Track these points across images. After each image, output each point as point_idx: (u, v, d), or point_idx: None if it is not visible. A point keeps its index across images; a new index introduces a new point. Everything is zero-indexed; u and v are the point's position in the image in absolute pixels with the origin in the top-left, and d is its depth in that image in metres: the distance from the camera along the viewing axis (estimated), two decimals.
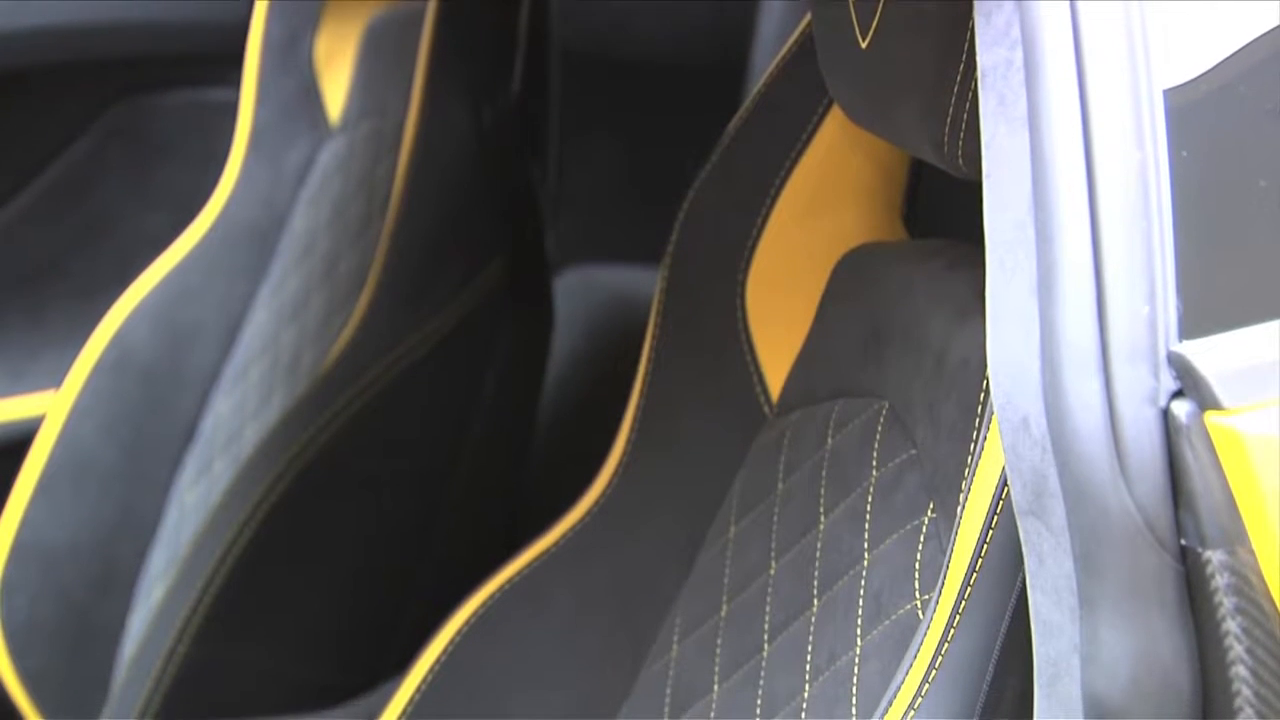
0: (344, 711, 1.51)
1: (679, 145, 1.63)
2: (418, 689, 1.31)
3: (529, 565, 1.32)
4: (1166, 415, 0.76)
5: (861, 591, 1.07)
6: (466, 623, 1.32)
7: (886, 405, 1.11)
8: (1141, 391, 0.76)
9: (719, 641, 1.19)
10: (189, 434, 1.81)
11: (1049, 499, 0.79)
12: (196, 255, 1.83)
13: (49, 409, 1.81)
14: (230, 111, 1.86)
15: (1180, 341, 0.77)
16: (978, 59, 0.83)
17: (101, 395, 1.79)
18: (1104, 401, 0.76)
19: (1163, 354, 0.76)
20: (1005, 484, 0.90)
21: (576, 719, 1.28)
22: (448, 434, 1.63)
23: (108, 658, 1.73)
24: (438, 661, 1.32)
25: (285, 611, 1.61)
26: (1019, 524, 0.83)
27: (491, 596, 1.32)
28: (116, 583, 1.76)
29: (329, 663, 1.62)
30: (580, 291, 1.98)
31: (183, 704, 1.58)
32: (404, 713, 1.31)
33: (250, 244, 1.84)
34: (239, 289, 1.83)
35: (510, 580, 1.32)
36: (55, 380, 1.83)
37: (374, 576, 1.63)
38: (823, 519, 1.13)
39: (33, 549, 1.76)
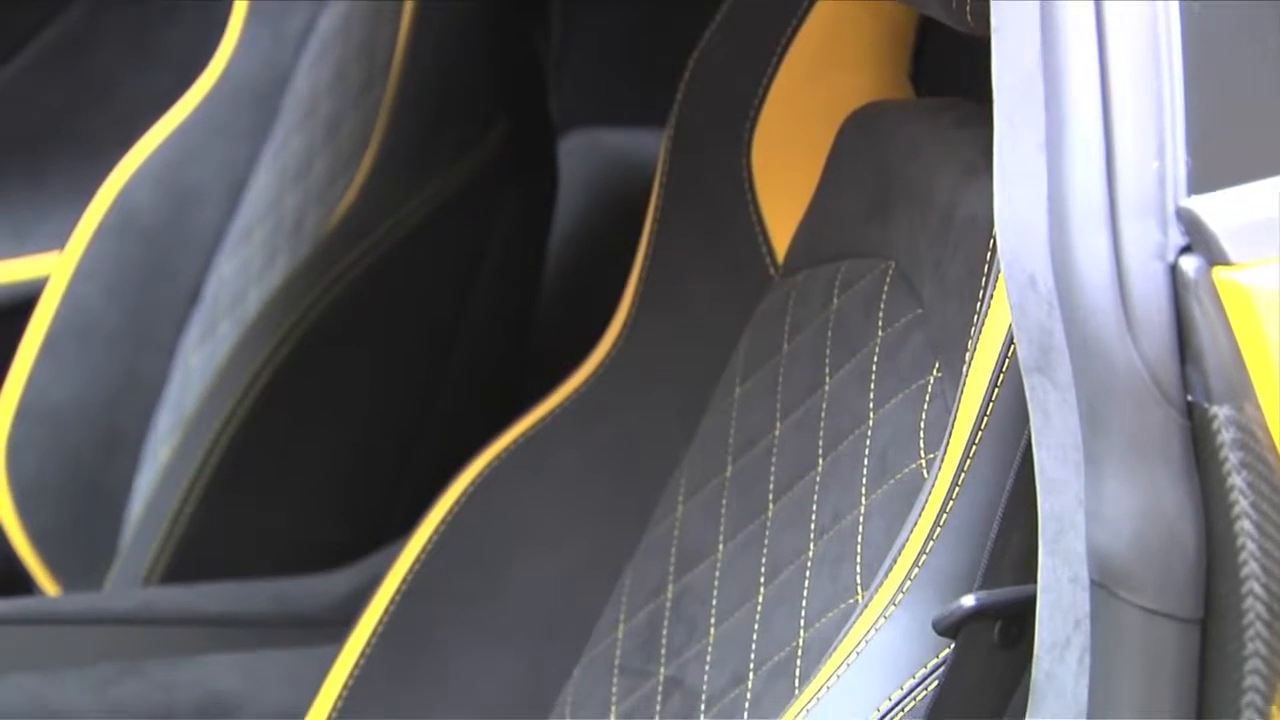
0: (350, 570, 1.52)
1: (684, 4, 1.62)
2: (423, 549, 1.32)
3: (533, 427, 1.32)
4: (1174, 270, 0.76)
5: (866, 451, 1.07)
6: (472, 483, 1.32)
7: (892, 265, 1.10)
8: (1149, 247, 0.76)
9: (724, 502, 1.20)
10: (193, 296, 1.81)
11: (1055, 355, 0.79)
12: (198, 117, 1.83)
13: (53, 270, 1.81)
14: None
15: (1189, 196, 0.76)
16: None
17: (105, 257, 1.79)
18: (1111, 257, 0.76)
19: (1171, 209, 0.76)
20: (1011, 342, 0.90)
21: (581, 577, 1.29)
22: (451, 297, 1.63)
23: (115, 517, 1.74)
24: (443, 521, 1.32)
25: (291, 472, 1.62)
26: (1025, 381, 0.83)
27: (496, 458, 1.32)
28: (123, 443, 1.77)
29: (335, 523, 1.63)
30: (584, 155, 1.97)
31: (190, 563, 1.59)
32: (410, 572, 1.32)
33: (252, 106, 1.83)
34: (241, 151, 1.83)
35: (515, 442, 1.32)
36: (59, 242, 1.83)
37: (379, 438, 1.63)
38: (828, 379, 1.14)
39: (38, 409, 1.77)
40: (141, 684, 1.33)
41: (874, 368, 1.09)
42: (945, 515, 0.93)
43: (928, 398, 1.03)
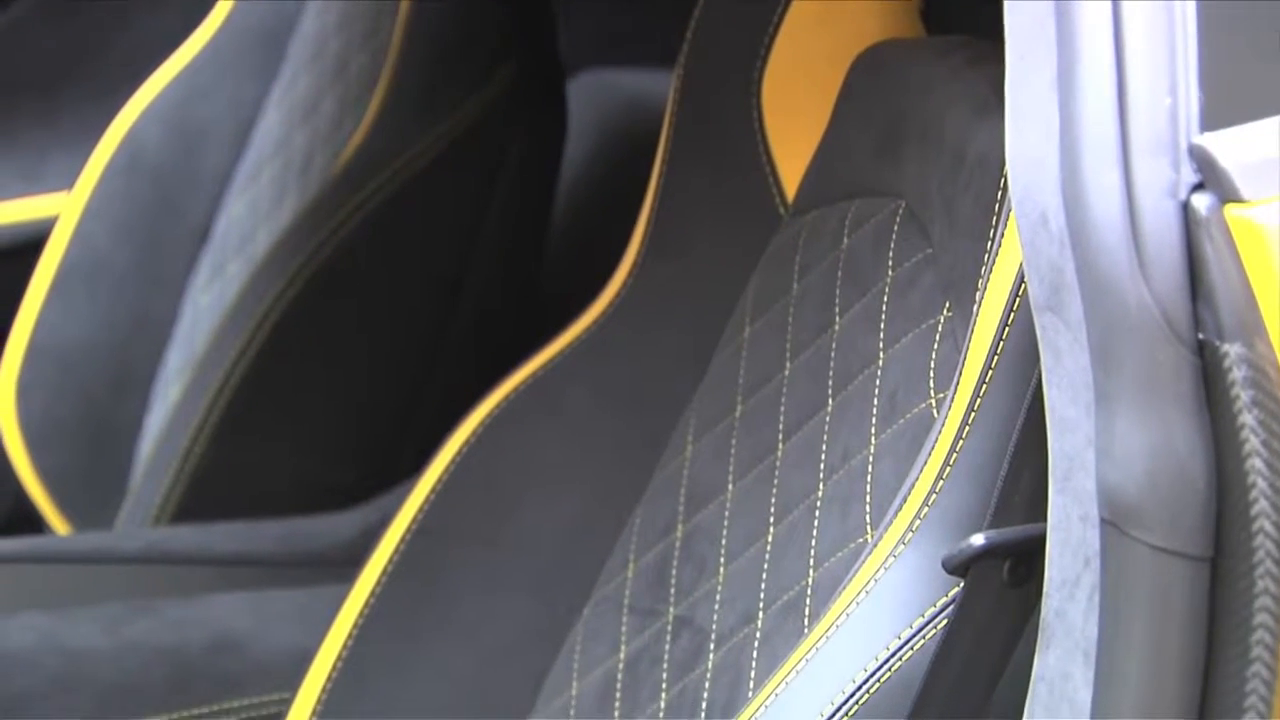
0: (360, 510, 1.52)
1: None
2: (433, 488, 1.32)
3: (543, 367, 1.32)
4: (1186, 208, 0.76)
5: (876, 391, 1.07)
6: (481, 423, 1.32)
7: (903, 204, 1.10)
8: (1161, 184, 0.76)
9: (733, 441, 1.20)
10: (202, 235, 1.81)
11: (1066, 294, 0.79)
12: (206, 56, 1.82)
13: (62, 210, 1.81)
14: None
15: (1202, 133, 0.76)
16: None
17: (114, 196, 1.79)
18: (1123, 195, 0.76)
19: (1184, 146, 0.76)
20: (1022, 281, 0.90)
21: (590, 517, 1.29)
22: (460, 237, 1.63)
23: (125, 457, 1.75)
24: (452, 462, 1.32)
25: (300, 412, 1.62)
26: (1035, 320, 0.83)
27: (505, 398, 1.32)
28: (132, 383, 1.77)
29: (344, 463, 1.63)
30: (593, 96, 1.96)
31: (199, 502, 1.60)
32: (419, 511, 1.32)
33: (260, 45, 1.83)
34: (249, 90, 1.82)
35: (524, 381, 1.32)
36: (68, 181, 1.83)
37: (388, 378, 1.63)
38: (838, 319, 1.14)
39: (48, 349, 1.77)
40: (152, 622, 1.34)
41: (884, 307, 1.09)
42: (955, 454, 0.93)
43: (938, 337, 1.03)
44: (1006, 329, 0.91)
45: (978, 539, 0.89)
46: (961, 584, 0.90)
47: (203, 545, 1.47)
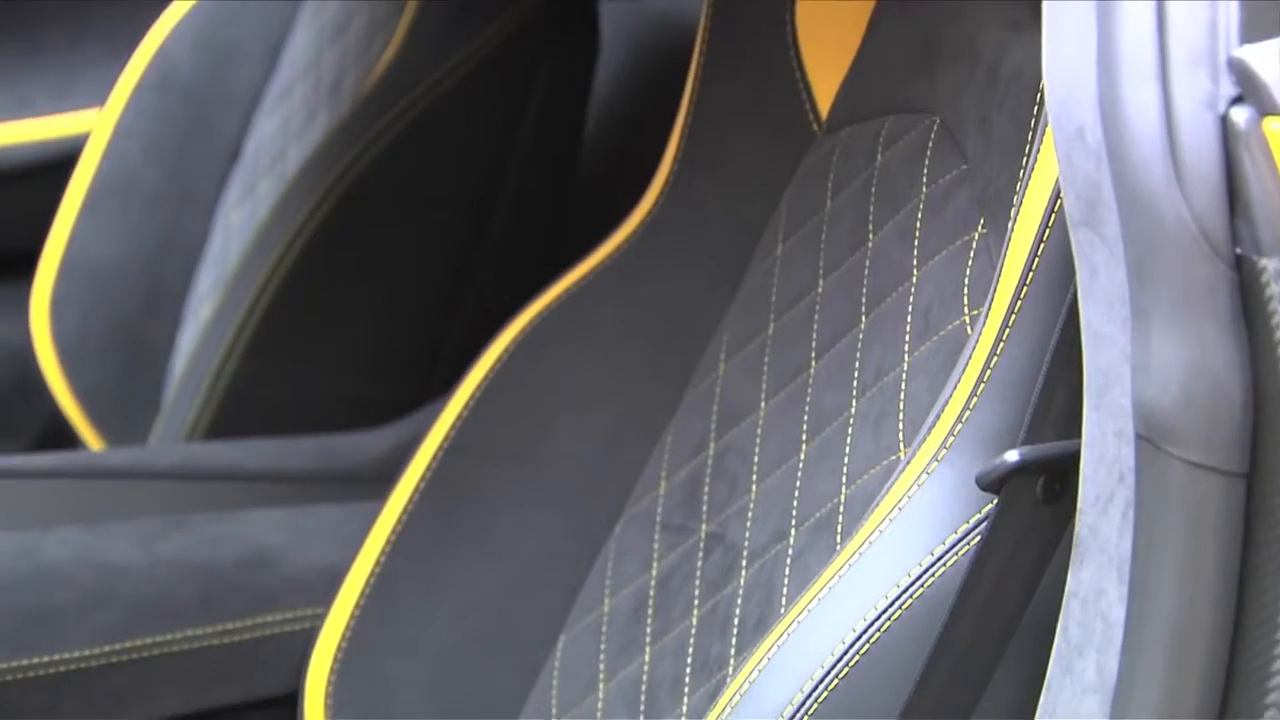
0: (392, 428, 1.53)
1: None
2: (465, 406, 1.32)
3: (575, 285, 1.32)
4: (1225, 121, 0.75)
5: (910, 308, 1.07)
6: (514, 341, 1.33)
7: (937, 120, 1.10)
8: (1200, 97, 0.75)
9: (766, 359, 1.20)
10: (233, 154, 1.81)
11: (1103, 209, 0.79)
12: None
13: (94, 127, 1.81)
14: None
15: (1241, 45, 0.75)
16: None
17: (145, 114, 1.79)
18: (1161, 108, 0.75)
19: (1223, 58, 0.75)
20: (1058, 196, 0.90)
21: (622, 435, 1.29)
22: (490, 157, 1.62)
23: (158, 375, 1.75)
24: (485, 379, 1.32)
25: (332, 329, 1.62)
26: (1071, 236, 0.82)
27: (538, 316, 1.32)
28: (165, 301, 1.77)
29: (376, 380, 1.63)
30: (624, 14, 1.95)
31: (232, 420, 1.60)
32: (452, 429, 1.32)
33: None
34: (279, 8, 1.82)
35: (556, 299, 1.32)
36: (99, 99, 1.83)
37: (420, 296, 1.63)
38: (871, 236, 1.13)
39: (81, 266, 1.77)
40: (187, 538, 1.34)
41: (918, 224, 1.08)
42: (989, 371, 0.93)
43: (972, 254, 1.03)
44: (1042, 245, 0.91)
45: (1012, 455, 0.89)
46: (995, 501, 0.90)
47: (236, 461, 1.48)
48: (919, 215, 1.09)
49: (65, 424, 1.76)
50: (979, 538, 0.91)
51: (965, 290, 1.02)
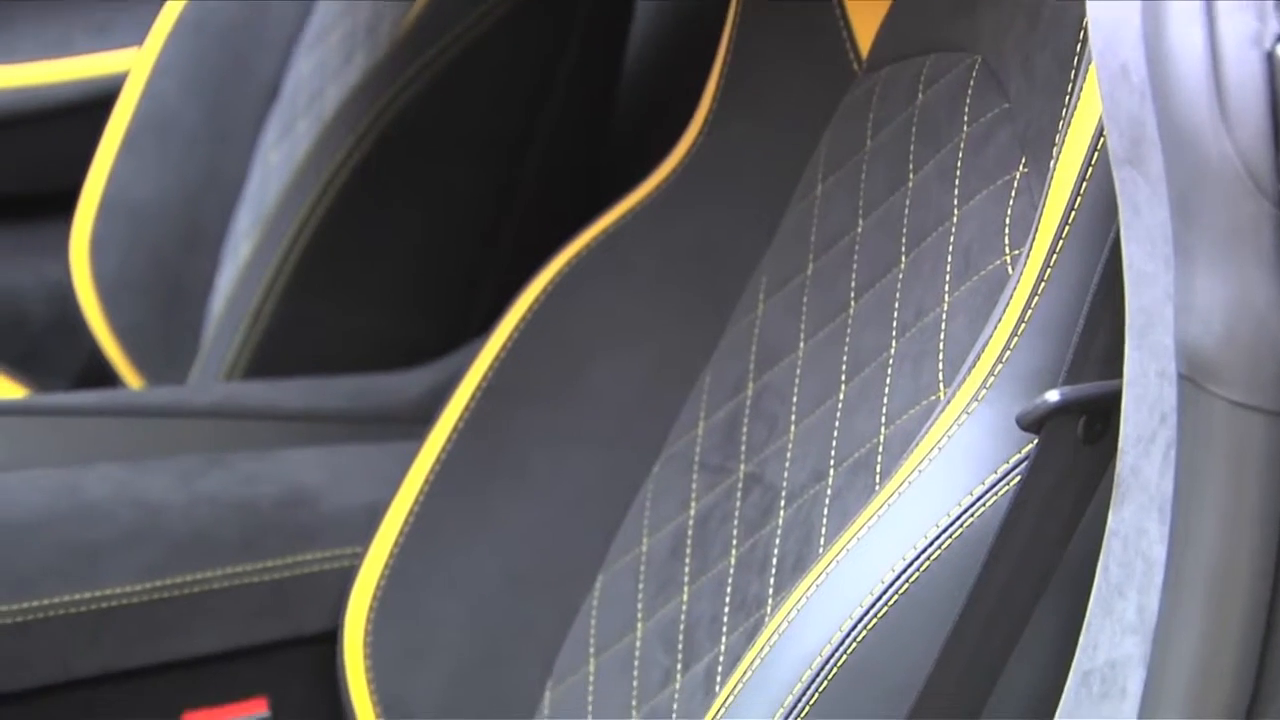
0: (430, 368, 1.53)
1: None
2: (503, 346, 1.33)
3: (612, 225, 1.32)
4: (1271, 58, 0.74)
5: (950, 248, 1.06)
6: (551, 281, 1.32)
7: (979, 59, 1.09)
8: (1246, 34, 0.74)
9: (804, 299, 1.20)
10: (271, 93, 1.81)
11: (1147, 147, 0.78)
12: None
13: (132, 66, 1.81)
14: None
15: None
16: None
17: (183, 54, 1.79)
18: (1207, 45, 0.75)
19: None
20: (1100, 134, 0.90)
21: (660, 375, 1.29)
22: (529, 96, 1.62)
23: (197, 314, 1.76)
24: (522, 319, 1.32)
25: (369, 269, 1.62)
26: (1114, 174, 0.82)
27: (575, 256, 1.32)
28: (203, 241, 1.78)
29: (414, 321, 1.64)
30: None
31: (270, 359, 1.60)
32: (489, 369, 1.32)
33: None
34: None
35: (594, 240, 1.32)
36: (138, 37, 1.83)
37: (457, 236, 1.63)
38: (911, 176, 1.13)
39: (120, 205, 1.78)
40: (225, 476, 1.34)
41: (959, 164, 1.08)
42: (1030, 311, 0.93)
43: (1013, 193, 1.02)
44: (1084, 184, 0.90)
45: (1053, 395, 0.89)
46: (1035, 441, 0.90)
47: (274, 400, 1.48)
48: (960, 154, 1.08)
49: (105, 362, 1.76)
50: (1019, 478, 0.91)
51: (1006, 230, 1.02)
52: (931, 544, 0.92)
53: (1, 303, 1.88)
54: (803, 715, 0.92)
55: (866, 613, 0.92)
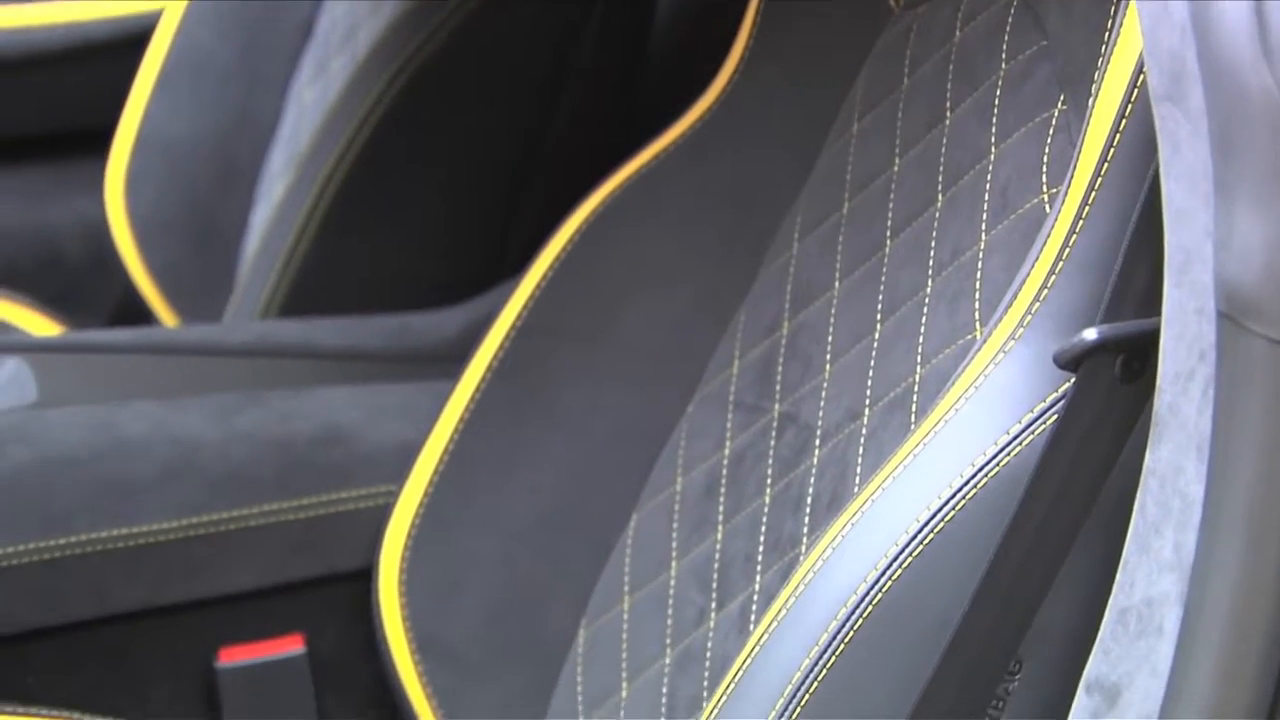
0: (464, 307, 1.53)
1: None
2: (537, 286, 1.32)
3: (647, 165, 1.32)
4: None
5: (988, 186, 1.06)
6: (585, 221, 1.32)
7: None
8: None
9: (840, 238, 1.19)
10: (305, 32, 1.81)
11: (1187, 83, 0.78)
12: None
13: (167, 5, 1.81)
14: None
15: None
16: None
17: None
18: None
19: None
20: (1140, 71, 0.89)
21: (695, 315, 1.29)
22: (562, 37, 1.61)
23: (232, 253, 1.76)
24: (556, 259, 1.32)
25: (403, 208, 1.62)
26: (1154, 111, 0.81)
27: (610, 195, 1.32)
28: (237, 179, 1.78)
29: (448, 260, 1.63)
30: None
31: (304, 298, 1.60)
32: (523, 309, 1.32)
33: None
34: None
35: (628, 179, 1.32)
36: None
37: (492, 175, 1.63)
38: (949, 114, 1.12)
39: (155, 142, 1.78)
40: (261, 413, 1.35)
41: (996, 101, 1.07)
42: (1068, 249, 0.92)
43: (1051, 131, 1.02)
44: (1123, 121, 0.90)
45: (1090, 334, 0.88)
46: (1072, 380, 0.90)
47: (309, 339, 1.48)
48: (998, 92, 1.08)
49: (140, 301, 1.77)
50: (1055, 417, 0.91)
51: (1044, 168, 1.02)
52: (967, 483, 0.92)
53: (37, 241, 1.88)
54: (838, 653, 0.92)
55: (902, 551, 0.92)
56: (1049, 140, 1.02)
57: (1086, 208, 0.92)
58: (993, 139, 1.07)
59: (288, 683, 1.31)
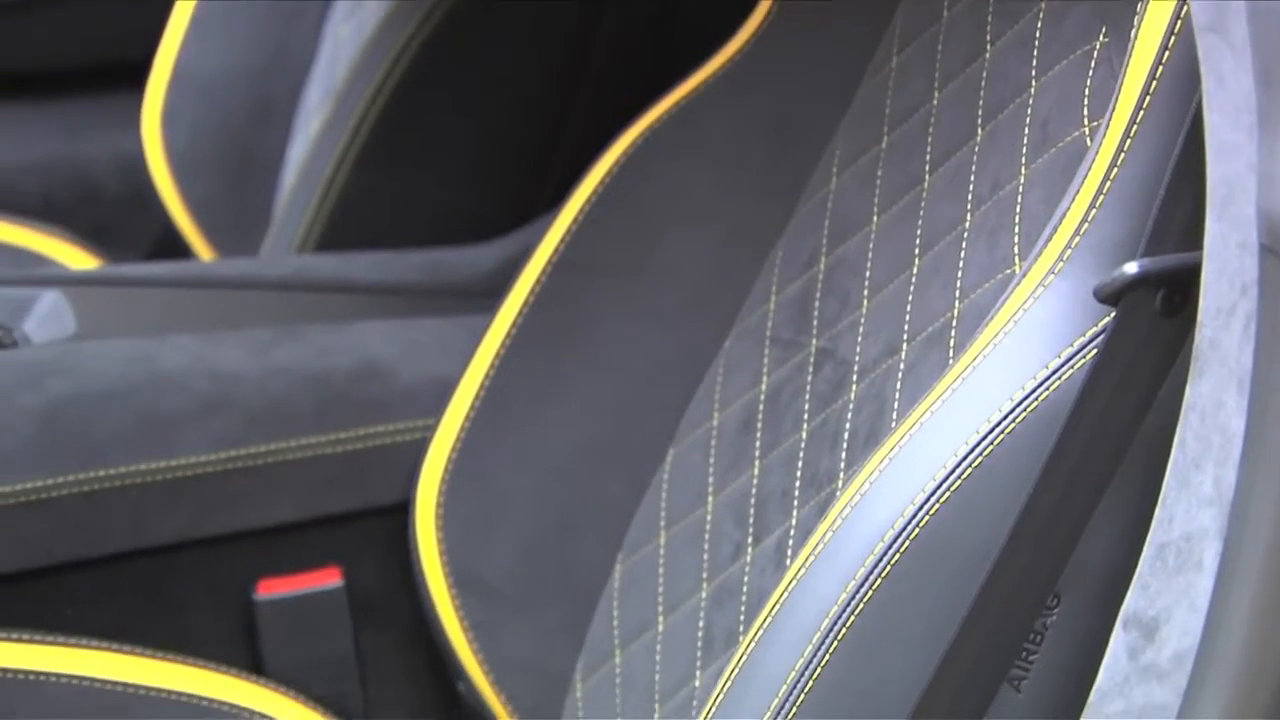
0: (501, 242, 1.53)
1: None
2: (574, 220, 1.32)
3: (684, 98, 1.31)
4: None
5: (1028, 119, 1.05)
6: (624, 154, 1.32)
7: None
8: None
9: (879, 173, 1.19)
10: None
11: (1231, 14, 0.77)
12: None
13: None
14: None
15: None
16: None
17: None
18: None
19: None
20: (1184, 3, 0.88)
21: (732, 250, 1.29)
22: None
23: (268, 188, 1.76)
24: (594, 193, 1.32)
25: (440, 144, 1.62)
26: (1198, 42, 0.81)
27: (647, 129, 1.32)
28: (273, 114, 1.77)
29: (484, 195, 1.63)
30: None
31: (342, 231, 1.61)
32: (560, 243, 1.32)
33: None
34: None
35: (665, 113, 1.32)
36: None
37: (529, 109, 1.63)
38: (989, 47, 1.12)
39: (191, 78, 1.78)
40: (299, 347, 1.35)
41: (1037, 34, 1.07)
42: (1109, 182, 0.92)
43: (1093, 63, 1.01)
44: (1166, 53, 0.89)
45: (1131, 267, 0.88)
46: (1113, 314, 0.89)
47: (346, 273, 1.48)
48: (1039, 25, 1.07)
49: (177, 235, 1.77)
50: (1095, 352, 0.90)
51: (1085, 100, 1.01)
52: (1006, 418, 0.92)
53: (74, 175, 1.89)
54: (874, 587, 0.92)
55: (940, 486, 0.92)
56: (1090, 73, 1.01)
57: (1128, 141, 0.91)
58: (1033, 72, 1.06)
59: (325, 615, 1.32)
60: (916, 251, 1.12)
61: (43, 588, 1.27)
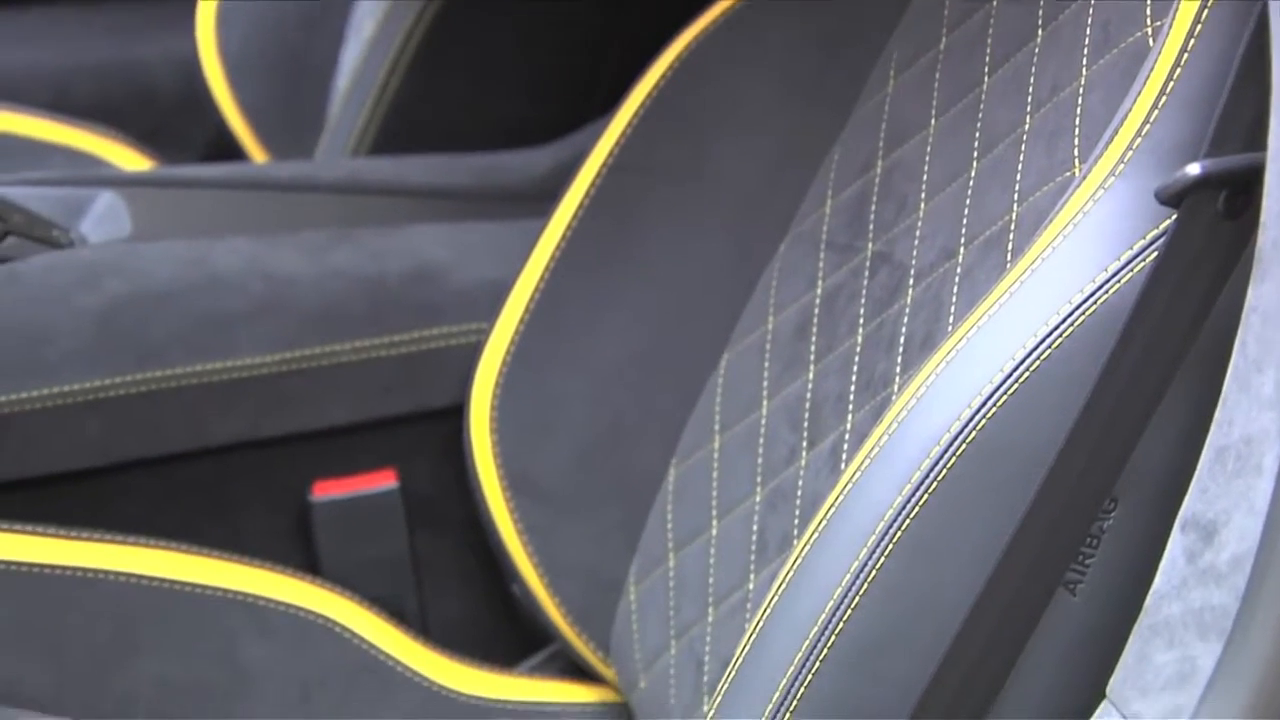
0: (555, 146, 1.52)
1: None
2: (628, 124, 1.32)
3: (738, 3, 1.30)
4: None
5: (1089, 20, 1.04)
6: (678, 58, 1.31)
7: None
8: None
9: (936, 76, 1.18)
10: None
11: None
12: None
13: None
14: None
15: None
16: None
17: None
18: None
19: None
20: None
21: (787, 154, 1.28)
22: None
23: (322, 91, 1.75)
24: (648, 97, 1.32)
25: (494, 47, 1.61)
26: None
27: (703, 31, 1.31)
28: (328, 17, 1.77)
29: (539, 99, 1.63)
30: None
31: (395, 136, 1.60)
32: (615, 147, 1.32)
33: None
34: None
35: (720, 18, 1.31)
36: None
37: (584, 12, 1.62)
38: None
39: None
40: (353, 250, 1.35)
41: None
42: (1171, 83, 0.91)
43: None
44: None
45: (1193, 168, 0.87)
46: (1174, 216, 0.89)
47: (400, 176, 1.48)
48: None
49: (232, 138, 1.77)
50: (1156, 254, 0.89)
51: (1148, 1, 1.00)
52: (1065, 320, 0.91)
53: (130, 77, 1.89)
54: (930, 491, 0.92)
55: (997, 389, 0.92)
56: None
57: (1192, 40, 0.90)
58: None
59: (380, 517, 1.32)
60: (975, 154, 1.12)
61: (101, 487, 1.27)
